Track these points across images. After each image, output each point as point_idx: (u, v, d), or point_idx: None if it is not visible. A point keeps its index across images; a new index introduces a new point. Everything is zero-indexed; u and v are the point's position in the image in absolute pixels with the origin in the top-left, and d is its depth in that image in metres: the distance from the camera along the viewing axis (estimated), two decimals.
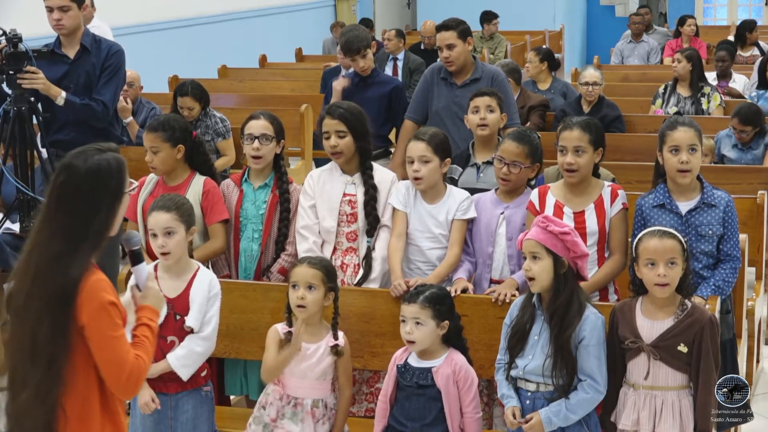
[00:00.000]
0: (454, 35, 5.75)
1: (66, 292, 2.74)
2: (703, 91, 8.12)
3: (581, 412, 3.54)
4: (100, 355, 2.78)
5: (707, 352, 3.50)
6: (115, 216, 2.85)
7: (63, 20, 5.29)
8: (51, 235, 2.77)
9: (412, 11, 17.41)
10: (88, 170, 2.80)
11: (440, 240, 4.39)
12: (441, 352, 3.72)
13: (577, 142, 4.16)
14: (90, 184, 2.79)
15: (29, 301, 2.75)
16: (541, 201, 4.27)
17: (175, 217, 3.92)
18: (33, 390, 2.73)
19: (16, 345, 2.79)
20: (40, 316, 2.73)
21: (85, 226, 2.77)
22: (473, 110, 5.03)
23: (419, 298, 3.68)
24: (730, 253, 4.17)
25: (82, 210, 2.78)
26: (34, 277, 2.75)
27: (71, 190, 2.79)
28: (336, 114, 4.51)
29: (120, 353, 2.80)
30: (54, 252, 2.75)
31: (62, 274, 2.74)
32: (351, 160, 4.54)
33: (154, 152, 4.63)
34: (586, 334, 3.51)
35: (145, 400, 3.82)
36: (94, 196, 2.80)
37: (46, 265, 2.75)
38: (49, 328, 2.73)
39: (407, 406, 3.70)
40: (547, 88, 8.48)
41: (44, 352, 2.73)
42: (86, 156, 2.82)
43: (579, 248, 3.56)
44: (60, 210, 2.78)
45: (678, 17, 12.11)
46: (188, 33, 11.59)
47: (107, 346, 2.78)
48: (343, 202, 4.50)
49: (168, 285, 3.92)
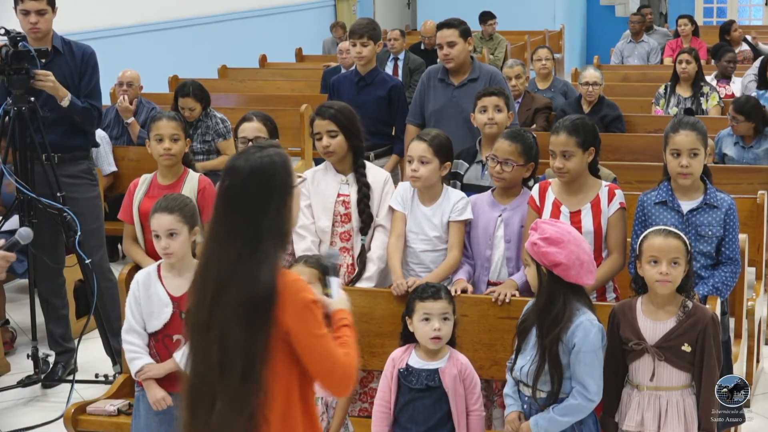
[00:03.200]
0: (456, 33, 5.77)
1: (262, 297, 2.65)
2: (702, 91, 8.13)
3: (569, 418, 3.50)
4: (311, 357, 2.70)
5: (710, 351, 3.51)
6: (290, 211, 2.75)
7: (39, 24, 5.28)
8: (225, 242, 2.69)
9: (412, 11, 17.41)
10: (252, 169, 2.70)
11: (434, 243, 4.39)
12: (444, 351, 3.73)
13: (563, 146, 4.16)
14: (255, 183, 2.70)
15: (215, 313, 2.66)
16: (542, 197, 4.28)
17: (178, 218, 3.93)
18: (227, 402, 2.65)
19: (200, 359, 2.69)
20: (230, 325, 2.64)
21: (257, 226, 2.68)
22: (481, 110, 5.04)
23: (441, 293, 3.71)
24: (730, 256, 4.17)
25: (251, 210, 2.69)
26: (218, 287, 2.66)
27: (237, 192, 2.70)
28: (326, 114, 4.53)
29: (330, 351, 2.72)
30: (233, 257, 2.66)
31: (251, 279, 2.65)
32: (344, 159, 4.56)
33: (175, 140, 4.69)
34: (577, 341, 3.47)
35: (158, 398, 3.84)
36: (261, 194, 2.70)
37: (228, 273, 2.66)
38: (241, 337, 2.64)
39: (411, 409, 3.69)
40: (547, 87, 8.49)
41: (237, 362, 2.64)
42: (247, 156, 2.74)
43: (548, 258, 3.48)
44: (229, 213, 2.70)
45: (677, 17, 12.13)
46: (188, 33, 11.59)
47: (317, 347, 2.70)
48: (338, 203, 4.53)
49: (172, 284, 3.94)
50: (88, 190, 5.54)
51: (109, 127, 7.62)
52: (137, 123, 7.54)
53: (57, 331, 5.64)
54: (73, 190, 5.34)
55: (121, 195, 5.43)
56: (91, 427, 4.26)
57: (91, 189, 5.59)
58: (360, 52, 6.25)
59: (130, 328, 3.96)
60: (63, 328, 5.66)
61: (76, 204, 5.18)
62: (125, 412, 4.20)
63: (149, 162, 5.07)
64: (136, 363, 3.93)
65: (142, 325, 3.95)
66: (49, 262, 5.18)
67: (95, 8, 8.69)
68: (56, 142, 5.26)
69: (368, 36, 6.25)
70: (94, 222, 5.50)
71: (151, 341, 3.96)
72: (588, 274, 3.53)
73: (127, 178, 6.15)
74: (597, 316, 3.56)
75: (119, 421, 4.20)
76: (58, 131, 5.29)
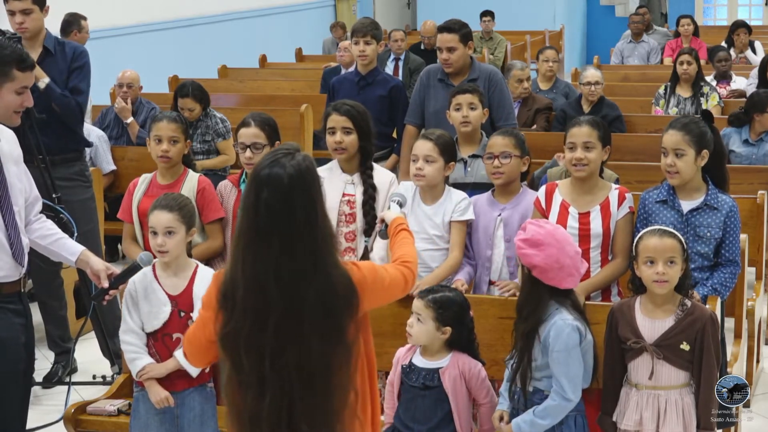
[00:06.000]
0: (456, 39, 5.73)
1: (344, 306, 2.61)
2: (702, 91, 8.13)
3: (550, 419, 3.55)
4: (386, 301, 2.89)
5: (708, 350, 3.51)
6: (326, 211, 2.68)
7: (26, 23, 5.27)
8: (280, 259, 2.55)
9: (412, 11, 17.41)
10: (292, 178, 2.56)
11: (435, 242, 4.39)
12: (444, 353, 3.72)
13: (586, 137, 4.17)
14: (300, 193, 2.57)
15: (285, 335, 2.56)
16: (548, 200, 4.28)
17: (177, 217, 3.93)
18: (315, 422, 2.61)
19: (271, 385, 2.58)
20: (311, 343, 2.57)
21: (313, 237, 2.56)
22: (455, 107, 5.05)
23: (428, 296, 3.69)
24: (730, 258, 4.17)
25: (302, 221, 2.56)
26: (286, 308, 2.56)
27: (281, 205, 2.55)
28: (343, 110, 4.53)
29: (396, 282, 2.85)
30: (298, 275, 2.56)
31: (327, 292, 2.58)
32: (352, 159, 4.56)
33: (174, 142, 4.67)
34: (551, 340, 3.53)
35: (161, 397, 3.85)
36: (308, 203, 2.57)
37: (295, 292, 2.56)
38: (328, 351, 2.59)
39: (412, 407, 3.69)
40: (549, 88, 8.48)
41: (322, 379, 2.59)
42: (281, 163, 2.58)
43: (525, 260, 3.56)
44: (276, 228, 2.55)
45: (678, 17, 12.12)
46: (188, 33, 11.59)
47: (388, 295, 2.86)
48: (342, 203, 4.52)
49: (168, 283, 3.94)
50: (81, 192, 5.51)
51: (109, 127, 7.62)
52: (137, 123, 7.54)
53: (55, 332, 5.64)
54: (66, 192, 5.29)
55: (120, 194, 5.42)
56: (91, 427, 4.25)
57: (84, 191, 5.56)
58: (363, 50, 6.24)
59: (128, 328, 3.96)
60: (61, 329, 5.66)
61: (69, 206, 5.11)
62: (125, 412, 4.19)
63: (149, 162, 5.06)
64: (137, 363, 3.93)
65: (139, 325, 3.95)
66: (42, 264, 5.15)
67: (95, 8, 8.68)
68: (47, 144, 5.22)
69: (371, 35, 6.25)
70: (88, 224, 5.46)
71: (150, 341, 3.95)
72: (568, 278, 3.57)
73: (127, 178, 6.14)
74: (581, 316, 3.61)
75: (119, 421, 4.20)
76: (49, 133, 5.25)
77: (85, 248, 3.91)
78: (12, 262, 3.67)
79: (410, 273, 2.93)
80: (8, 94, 3.67)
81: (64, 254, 3.89)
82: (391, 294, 2.88)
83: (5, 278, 3.66)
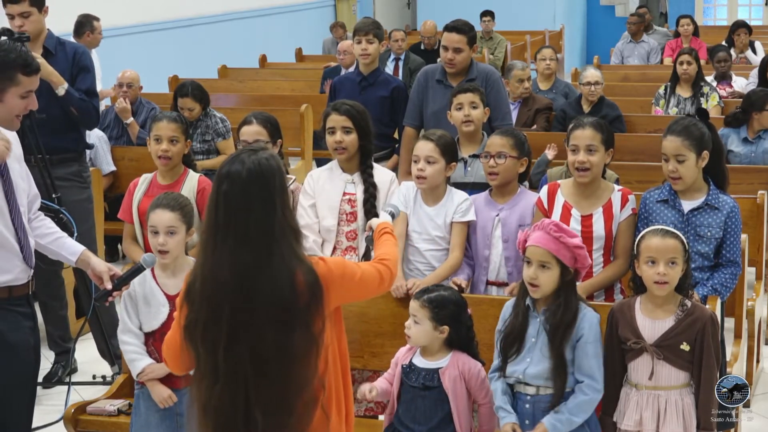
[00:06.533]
0: (464, 40, 5.70)
1: (297, 297, 2.63)
2: (702, 91, 8.13)
3: (583, 414, 3.51)
4: (359, 297, 2.93)
5: (708, 350, 3.51)
6: (293, 209, 2.76)
7: (25, 26, 5.26)
8: (235, 250, 2.61)
9: (412, 11, 17.41)
10: (250, 172, 2.65)
11: (438, 242, 4.39)
12: (443, 353, 3.71)
13: (589, 140, 4.16)
14: (258, 187, 2.65)
15: (240, 325, 2.62)
16: (550, 200, 4.27)
17: (179, 217, 3.94)
18: (269, 410, 2.64)
19: (225, 373, 2.64)
20: (264, 333, 2.62)
21: (269, 229, 2.63)
22: (457, 107, 5.04)
23: (423, 296, 3.67)
24: (731, 258, 4.17)
25: (258, 213, 2.64)
26: (239, 298, 2.61)
27: (238, 197, 2.64)
28: (343, 110, 4.53)
29: (370, 278, 2.86)
30: (250, 264, 2.62)
31: (277, 282, 2.62)
32: (352, 159, 4.56)
33: (175, 142, 4.67)
34: (585, 332, 3.49)
35: (164, 396, 3.85)
36: (265, 196, 2.66)
37: (248, 281, 2.62)
38: (281, 341, 2.62)
39: (412, 408, 3.67)
40: (549, 88, 8.49)
41: (277, 367, 2.63)
42: (242, 160, 2.68)
43: (587, 262, 3.56)
44: (232, 220, 2.64)
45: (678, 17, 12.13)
46: (188, 33, 11.60)
47: (360, 291, 2.88)
48: (343, 201, 4.52)
49: (167, 283, 3.95)
50: (77, 193, 5.50)
51: (109, 127, 7.62)
52: (137, 123, 7.54)
53: (56, 332, 5.63)
54: (61, 192, 5.26)
55: (121, 195, 5.41)
56: (91, 427, 4.25)
57: (81, 192, 5.55)
58: (365, 49, 6.23)
59: (127, 328, 3.96)
60: (62, 329, 5.65)
61: (65, 207, 5.12)
62: (125, 412, 4.20)
63: (149, 162, 5.06)
64: (137, 364, 3.93)
65: (138, 325, 3.96)
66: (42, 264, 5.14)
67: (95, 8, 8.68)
68: (45, 144, 5.20)
69: (374, 34, 6.24)
70: (84, 224, 5.42)
71: (149, 340, 3.96)
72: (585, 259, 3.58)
73: (127, 178, 6.14)
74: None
75: (119, 421, 4.20)
76: (47, 132, 5.24)
77: (86, 248, 3.91)
78: (23, 266, 3.67)
79: (387, 270, 2.95)
80: (13, 99, 3.67)
81: (63, 253, 3.89)
82: (365, 290, 2.91)
83: (15, 281, 3.66)
